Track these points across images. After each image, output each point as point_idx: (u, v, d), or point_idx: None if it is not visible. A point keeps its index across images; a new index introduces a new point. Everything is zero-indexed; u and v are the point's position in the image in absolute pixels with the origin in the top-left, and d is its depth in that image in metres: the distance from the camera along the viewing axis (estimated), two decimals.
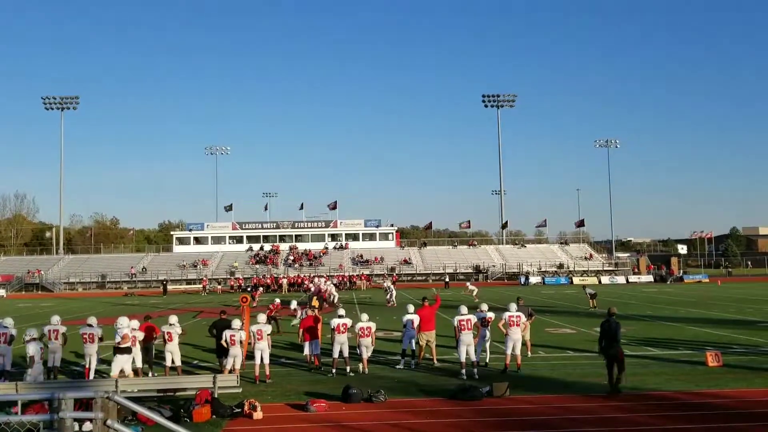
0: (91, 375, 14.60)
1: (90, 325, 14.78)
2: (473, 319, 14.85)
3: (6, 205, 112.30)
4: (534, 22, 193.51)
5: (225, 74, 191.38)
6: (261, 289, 47.23)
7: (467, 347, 14.45)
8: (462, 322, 14.47)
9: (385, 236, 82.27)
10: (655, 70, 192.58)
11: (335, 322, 15.23)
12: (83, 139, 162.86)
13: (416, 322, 16.07)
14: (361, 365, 15.28)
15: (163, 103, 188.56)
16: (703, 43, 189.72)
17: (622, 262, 77.16)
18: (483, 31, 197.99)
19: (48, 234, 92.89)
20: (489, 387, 12.43)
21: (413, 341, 16.20)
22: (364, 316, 15.57)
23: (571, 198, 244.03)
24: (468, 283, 47.02)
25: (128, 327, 13.82)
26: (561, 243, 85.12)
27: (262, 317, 15.14)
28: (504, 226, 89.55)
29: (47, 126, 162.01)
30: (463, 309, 15.01)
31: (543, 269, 71.10)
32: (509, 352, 15.03)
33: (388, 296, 37.76)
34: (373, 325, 15.40)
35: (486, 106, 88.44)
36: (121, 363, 13.50)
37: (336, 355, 15.13)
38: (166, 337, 14.99)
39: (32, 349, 13.47)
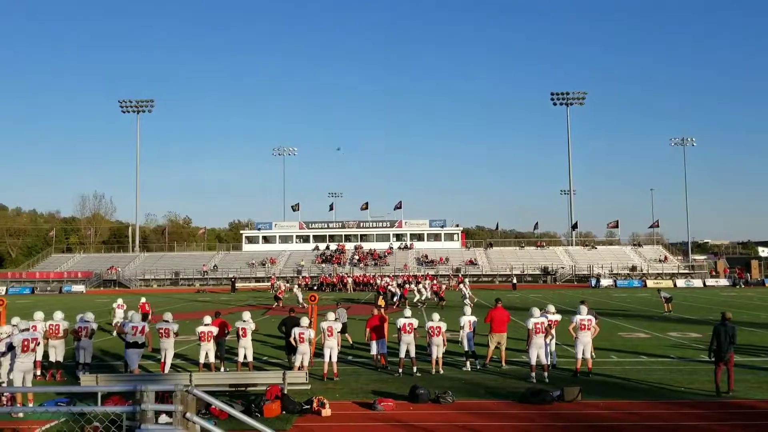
0: (167, 369, 15.06)
1: (166, 321, 15.25)
2: (546, 321, 14.64)
3: (86, 204, 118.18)
4: (604, 18, 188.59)
5: (293, 76, 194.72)
6: (283, 287, 45.65)
7: (538, 350, 14.24)
8: (537, 325, 14.27)
9: (450, 236, 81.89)
10: (734, 65, 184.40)
11: (401, 321, 15.24)
12: (158, 140, 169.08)
13: (473, 324, 16.13)
14: (431, 365, 15.26)
15: (232, 105, 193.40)
16: None
17: (699, 264, 74.32)
18: (551, 27, 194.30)
19: (126, 233, 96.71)
20: (560, 391, 12.15)
21: (472, 342, 16.08)
22: (435, 316, 15.52)
23: (645, 198, 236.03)
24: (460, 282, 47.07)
25: (139, 321, 14.53)
26: (634, 244, 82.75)
27: (331, 315, 15.28)
28: (574, 226, 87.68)
29: (124, 128, 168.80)
30: (536, 311, 14.79)
31: (615, 271, 69.18)
32: (579, 356, 14.71)
33: (463, 298, 37.26)
34: (443, 325, 15.32)
35: (555, 104, 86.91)
36: (137, 355, 14.22)
37: (402, 354, 15.14)
38: (240, 332, 15.34)
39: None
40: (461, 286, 38.87)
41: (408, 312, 15.88)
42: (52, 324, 15.55)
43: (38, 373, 15.00)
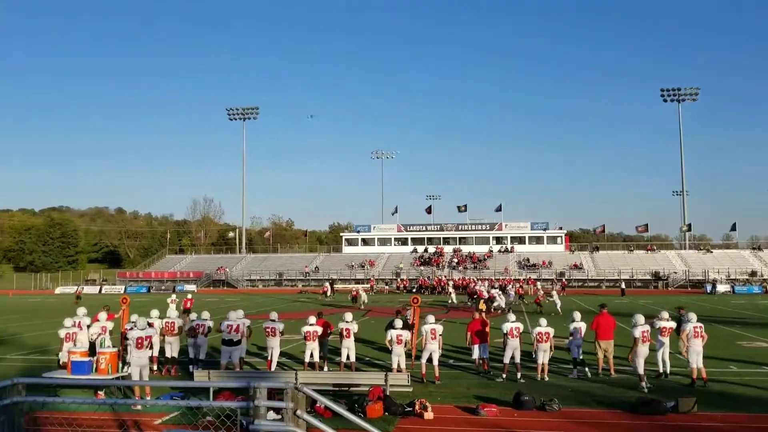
0: (273, 366, 15.54)
1: (272, 320, 15.71)
2: (649, 330, 14.06)
3: (196, 208, 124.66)
4: (715, 7, 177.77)
5: (392, 81, 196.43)
6: (326, 284, 45.89)
7: (644, 359, 13.65)
8: (644, 334, 13.69)
9: (553, 239, 79.85)
10: None
11: (507, 326, 14.98)
12: (262, 145, 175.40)
13: (583, 331, 15.62)
14: (535, 372, 14.96)
15: (332, 110, 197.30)
16: None
17: None
18: (660, 20, 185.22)
19: (231, 234, 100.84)
20: (674, 402, 11.54)
21: (581, 349, 15.59)
22: (543, 321, 15.19)
23: (765, 199, 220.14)
24: (553, 291, 42.93)
25: (235, 320, 15.02)
26: (753, 248, 77.50)
27: (431, 318, 15.23)
28: (687, 229, 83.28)
29: (231, 135, 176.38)
30: (641, 319, 14.14)
31: (732, 277, 65.10)
32: (694, 365, 13.95)
33: (550, 298, 35.85)
34: (551, 330, 14.98)
35: (665, 100, 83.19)
36: (229, 352, 14.80)
37: (507, 360, 14.89)
38: (344, 333, 15.58)
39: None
40: (553, 292, 36.99)
41: (512, 316, 15.60)
42: (168, 321, 16.45)
43: (155, 368, 15.86)
